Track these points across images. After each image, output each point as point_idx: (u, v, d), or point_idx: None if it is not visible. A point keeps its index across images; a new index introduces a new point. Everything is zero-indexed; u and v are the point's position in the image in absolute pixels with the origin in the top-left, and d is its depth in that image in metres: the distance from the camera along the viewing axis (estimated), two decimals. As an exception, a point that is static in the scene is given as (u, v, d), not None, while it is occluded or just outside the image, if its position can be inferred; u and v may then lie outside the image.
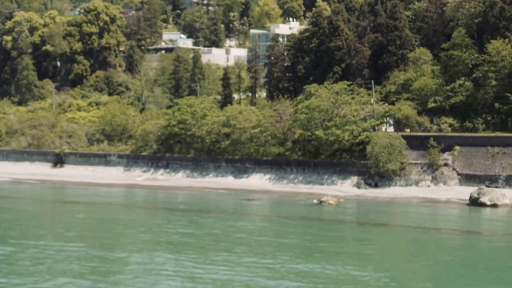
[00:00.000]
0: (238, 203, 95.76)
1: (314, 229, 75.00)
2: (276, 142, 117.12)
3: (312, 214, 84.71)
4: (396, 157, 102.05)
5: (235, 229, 74.55)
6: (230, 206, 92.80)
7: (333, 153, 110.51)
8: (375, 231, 74.66)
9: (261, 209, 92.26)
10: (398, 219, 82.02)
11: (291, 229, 75.01)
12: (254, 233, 72.05)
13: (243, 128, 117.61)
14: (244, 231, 72.85)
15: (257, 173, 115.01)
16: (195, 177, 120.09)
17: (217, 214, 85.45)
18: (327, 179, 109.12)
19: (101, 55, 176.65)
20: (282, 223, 79.61)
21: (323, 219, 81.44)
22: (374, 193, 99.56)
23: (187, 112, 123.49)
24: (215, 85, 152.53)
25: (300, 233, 72.20)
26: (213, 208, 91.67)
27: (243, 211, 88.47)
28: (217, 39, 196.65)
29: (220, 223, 78.26)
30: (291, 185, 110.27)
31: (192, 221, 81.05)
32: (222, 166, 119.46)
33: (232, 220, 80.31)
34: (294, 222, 79.99)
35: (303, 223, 79.85)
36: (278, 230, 74.55)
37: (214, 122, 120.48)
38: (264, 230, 75.04)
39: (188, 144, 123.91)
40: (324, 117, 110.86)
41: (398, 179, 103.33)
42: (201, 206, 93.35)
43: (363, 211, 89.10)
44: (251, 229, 74.52)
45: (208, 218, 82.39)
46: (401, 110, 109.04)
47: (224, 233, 71.64)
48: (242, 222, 79.02)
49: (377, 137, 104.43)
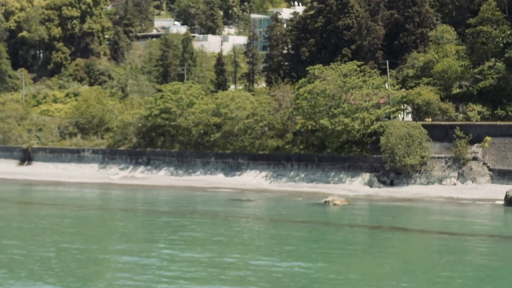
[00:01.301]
0: (229, 204, 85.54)
1: (316, 235, 64.77)
2: (274, 134, 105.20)
3: (315, 217, 75.12)
4: (415, 150, 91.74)
5: (221, 235, 63.77)
6: (218, 208, 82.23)
7: (341, 146, 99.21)
8: (390, 237, 64.59)
9: (255, 211, 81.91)
10: (418, 223, 72.18)
11: (289, 234, 64.63)
12: (244, 238, 62.37)
13: (235, 118, 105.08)
14: (233, 236, 62.60)
15: (252, 170, 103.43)
16: (180, 175, 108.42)
17: (201, 217, 74.87)
18: (333, 176, 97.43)
19: (82, 42, 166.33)
20: (278, 227, 69.69)
21: (328, 223, 71.68)
22: (389, 193, 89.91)
23: (171, 99, 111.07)
24: (209, 74, 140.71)
25: (299, 239, 62.00)
26: (198, 210, 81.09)
27: (234, 214, 77.76)
28: (214, 25, 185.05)
29: (204, 227, 68.39)
30: (291, 183, 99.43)
31: (172, 226, 69.68)
32: (211, 162, 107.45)
33: (219, 225, 70.01)
34: (292, 226, 69.65)
35: (304, 227, 69.44)
36: (272, 236, 64.58)
37: (202, 110, 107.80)
38: (258, 235, 64.92)
39: (173, 137, 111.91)
40: (330, 104, 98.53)
41: (418, 176, 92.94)
42: (184, 208, 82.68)
43: (376, 213, 79.35)
44: (241, 234, 64.42)
45: (190, 222, 71.60)
46: (421, 95, 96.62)
47: (206, 239, 61.10)
48: (232, 227, 68.92)
49: (393, 127, 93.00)
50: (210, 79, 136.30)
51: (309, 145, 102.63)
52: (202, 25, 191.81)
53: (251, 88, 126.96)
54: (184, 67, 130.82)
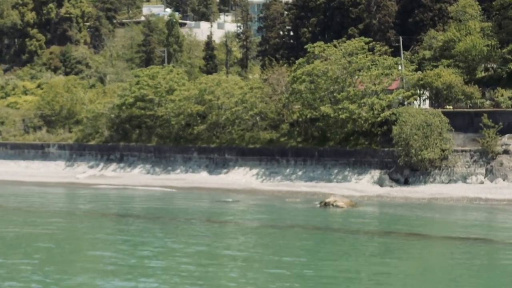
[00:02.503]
0: (211, 207, 74.65)
1: (311, 245, 53.74)
2: (267, 125, 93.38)
3: (312, 222, 64.49)
4: (434, 142, 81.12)
5: (200, 244, 52.87)
6: (198, 212, 70.94)
7: (346, 138, 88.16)
8: (405, 244, 54.09)
9: (242, 215, 70.24)
10: (439, 228, 62.26)
11: (280, 243, 53.84)
12: (230, 249, 51.84)
13: (222, 106, 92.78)
14: (215, 248, 51.58)
15: (241, 166, 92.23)
16: (157, 173, 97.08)
17: (177, 223, 63.78)
18: (337, 174, 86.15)
19: (59, 28, 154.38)
20: (267, 234, 58.76)
21: (327, 229, 60.59)
22: (403, 192, 79.42)
23: (148, 85, 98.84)
24: (199, 62, 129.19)
25: (293, 249, 51.21)
26: (174, 214, 69.55)
27: (217, 218, 66.55)
28: (208, 12, 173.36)
29: (180, 235, 57.34)
30: (286, 182, 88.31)
31: (143, 235, 58.79)
32: (194, 158, 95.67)
33: (196, 234, 58.40)
34: (285, 233, 58.77)
35: (297, 234, 58.55)
36: (259, 245, 53.51)
37: (183, 98, 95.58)
38: (242, 244, 53.97)
39: (150, 130, 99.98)
40: (333, 88, 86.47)
41: (438, 172, 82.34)
42: (158, 212, 71.25)
43: (388, 217, 68.42)
44: (224, 243, 53.77)
45: (162, 230, 60.10)
46: (441, 77, 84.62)
47: (182, 251, 50.13)
48: (213, 234, 57.74)
49: (407, 114, 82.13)
50: (199, 66, 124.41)
51: (308, 138, 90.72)
52: (195, 12, 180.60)
53: (245, 76, 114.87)
54: (164, 49, 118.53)
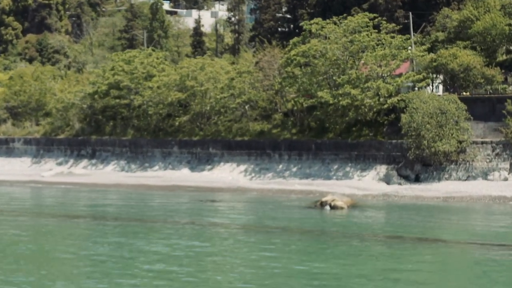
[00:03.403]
0: (188, 208, 65.02)
1: (303, 251, 44.92)
2: (258, 115, 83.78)
3: (306, 224, 55.20)
4: (450, 132, 72.23)
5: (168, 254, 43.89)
6: (172, 213, 61.23)
7: (347, 129, 79.15)
8: (416, 252, 44.90)
9: (223, 217, 60.65)
10: (456, 232, 52.97)
11: (268, 249, 44.42)
12: (207, 255, 42.89)
13: (206, 93, 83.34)
14: (188, 257, 42.28)
15: (227, 162, 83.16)
16: (133, 170, 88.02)
17: (147, 227, 54.43)
18: (336, 170, 77.12)
19: (37, 16, 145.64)
20: (250, 238, 49.55)
21: (324, 232, 51.50)
22: (414, 191, 70.48)
23: (123, 71, 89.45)
24: (187, 50, 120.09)
25: (281, 258, 41.70)
26: (142, 216, 59.83)
27: (195, 221, 57.01)
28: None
29: (152, 239, 48.25)
30: (278, 180, 79.07)
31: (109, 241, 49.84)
32: (174, 153, 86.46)
33: (172, 237, 49.42)
34: (272, 238, 48.90)
35: (288, 238, 49.10)
36: (238, 251, 44.51)
37: (162, 84, 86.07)
38: (224, 251, 44.66)
39: (126, 121, 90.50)
40: (332, 71, 76.76)
41: (454, 168, 73.42)
42: (128, 214, 61.57)
43: (395, 218, 59.27)
44: (200, 251, 44.38)
45: (133, 234, 51.08)
46: (457, 58, 75.18)
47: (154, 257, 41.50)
48: (190, 240, 48.40)
49: (418, 100, 73.59)
50: (186, 54, 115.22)
51: (304, 129, 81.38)
52: (188, 0, 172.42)
53: (236, 63, 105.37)
54: (143, 31, 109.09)
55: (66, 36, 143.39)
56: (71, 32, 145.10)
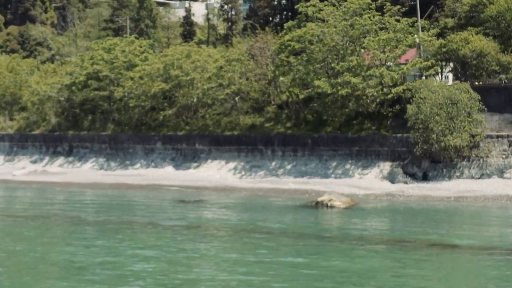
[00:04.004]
0: (166, 209, 58.17)
1: (293, 260, 37.96)
2: (249, 107, 76.72)
3: (299, 226, 49.01)
4: (462, 125, 65.37)
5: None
6: (148, 215, 54.52)
7: (347, 122, 72.20)
8: (425, 260, 38.20)
9: (205, 219, 53.91)
10: (470, 236, 46.10)
11: (247, 258, 38.22)
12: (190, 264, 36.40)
13: (192, 83, 76.71)
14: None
15: (215, 159, 76.26)
16: (112, 168, 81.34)
17: (120, 230, 48.48)
18: (335, 167, 70.33)
19: (21, 7, 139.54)
20: (234, 244, 43.46)
21: (319, 236, 44.76)
22: (421, 190, 63.85)
23: (103, 60, 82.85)
24: (177, 41, 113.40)
25: (267, 269, 35.46)
26: (117, 218, 53.35)
27: (166, 223, 50.82)
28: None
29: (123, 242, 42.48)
30: (271, 178, 72.24)
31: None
32: (157, 149, 79.78)
33: (142, 242, 43.03)
34: (258, 243, 42.86)
35: (278, 244, 42.57)
36: (229, 262, 37.72)
37: (144, 74, 79.47)
38: (206, 258, 38.33)
39: (105, 115, 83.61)
40: (331, 57, 70.02)
41: (467, 164, 66.59)
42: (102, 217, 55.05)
43: (400, 220, 52.64)
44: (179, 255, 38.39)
45: (105, 237, 45.17)
46: (470, 43, 68.48)
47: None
48: (166, 245, 42.09)
49: (426, 90, 66.96)
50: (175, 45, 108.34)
51: (300, 122, 74.55)
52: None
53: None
54: (126, 17, 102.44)
55: (51, 28, 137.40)
56: (57, 25, 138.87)
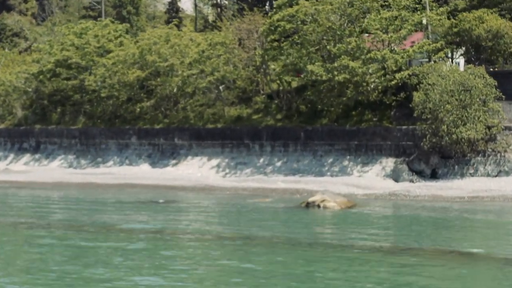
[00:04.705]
0: (131, 211, 50.40)
1: (280, 276, 30.46)
2: (235, 97, 68.86)
3: (287, 231, 41.46)
4: (476, 115, 57.68)
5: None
6: (111, 218, 46.83)
7: (345, 113, 64.74)
8: (434, 271, 30.78)
9: (178, 223, 45.59)
10: (488, 243, 38.62)
11: (220, 268, 31.50)
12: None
13: (171, 70, 69.01)
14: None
15: (196, 156, 68.78)
16: (83, 166, 73.75)
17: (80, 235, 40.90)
18: (331, 164, 62.88)
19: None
20: (206, 251, 35.81)
21: (309, 243, 37.25)
22: (430, 189, 56.27)
23: (73, 45, 75.16)
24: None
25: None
26: (75, 223, 45.50)
27: (125, 227, 43.34)
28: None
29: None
30: (258, 176, 64.70)
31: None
32: (132, 144, 72.25)
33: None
34: (236, 252, 35.83)
35: (260, 252, 35.17)
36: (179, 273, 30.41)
37: (118, 61, 71.74)
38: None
39: (76, 108, 75.95)
40: (326, 39, 62.28)
41: (481, 160, 59.03)
42: (53, 218, 47.78)
43: (406, 224, 44.71)
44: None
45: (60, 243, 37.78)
46: (485, 22, 60.86)
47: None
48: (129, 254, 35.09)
49: (435, 75, 59.17)
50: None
51: (292, 114, 66.81)
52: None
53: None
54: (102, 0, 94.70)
55: (31, 18, 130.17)
56: (37, 15, 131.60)
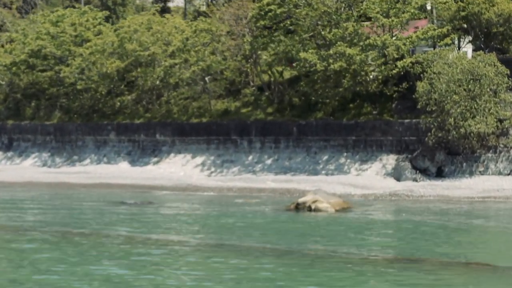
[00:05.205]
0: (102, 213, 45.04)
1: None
2: (223, 89, 63.57)
3: (272, 238, 35.84)
4: (486, 107, 52.98)
5: None
6: (71, 221, 41.36)
7: (342, 105, 60.32)
8: (450, 282, 25.40)
9: (147, 228, 39.69)
10: (502, 251, 33.13)
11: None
12: None
13: (152, 60, 63.73)
14: None
15: (179, 153, 64.15)
16: (57, 164, 69.16)
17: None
18: (327, 161, 58.41)
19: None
20: (164, 265, 29.23)
21: (299, 252, 31.80)
22: (435, 189, 51.79)
23: (48, 34, 69.96)
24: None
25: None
26: (32, 226, 40.22)
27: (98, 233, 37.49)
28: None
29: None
30: (246, 175, 60.14)
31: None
32: (111, 141, 67.42)
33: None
34: (208, 264, 29.49)
35: (239, 264, 28.98)
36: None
37: (95, 50, 66.48)
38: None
39: (52, 102, 70.80)
40: (321, 24, 57.02)
41: (493, 157, 54.43)
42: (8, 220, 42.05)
43: (409, 229, 39.04)
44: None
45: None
46: (495, 5, 55.76)
47: None
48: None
49: (441, 63, 54.26)
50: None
51: (284, 107, 61.79)
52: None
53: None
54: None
55: (15, 11, 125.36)
56: (21, 8, 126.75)
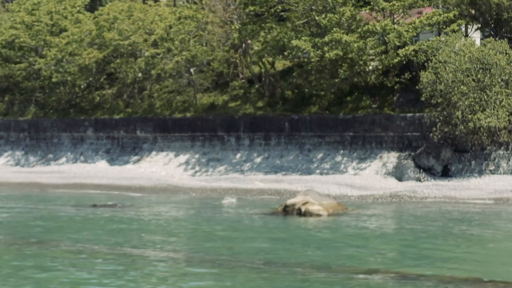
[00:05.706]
0: (67, 217, 40.94)
1: None
2: (210, 82, 59.07)
3: (254, 248, 31.27)
4: (497, 99, 48.39)
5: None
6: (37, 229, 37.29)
7: (338, 98, 55.64)
8: None
9: (109, 233, 35.73)
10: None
11: None
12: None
13: (134, 50, 59.17)
14: None
15: (161, 151, 59.96)
16: (31, 163, 65.15)
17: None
18: (321, 159, 54.23)
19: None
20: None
21: (286, 264, 27.05)
22: (441, 190, 47.55)
23: (22, 23, 65.48)
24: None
25: None
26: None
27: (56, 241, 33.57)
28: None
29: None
30: (234, 175, 55.52)
31: None
32: (88, 138, 62.85)
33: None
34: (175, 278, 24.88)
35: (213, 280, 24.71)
36: None
37: (72, 40, 61.95)
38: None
39: (27, 96, 66.43)
40: (316, 9, 52.65)
41: (505, 154, 49.83)
42: None
43: (412, 235, 34.74)
44: None
45: None
46: (505, -11, 51.57)
47: None
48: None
49: (447, 50, 49.52)
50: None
51: (276, 101, 57.22)
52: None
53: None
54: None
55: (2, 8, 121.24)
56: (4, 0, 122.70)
